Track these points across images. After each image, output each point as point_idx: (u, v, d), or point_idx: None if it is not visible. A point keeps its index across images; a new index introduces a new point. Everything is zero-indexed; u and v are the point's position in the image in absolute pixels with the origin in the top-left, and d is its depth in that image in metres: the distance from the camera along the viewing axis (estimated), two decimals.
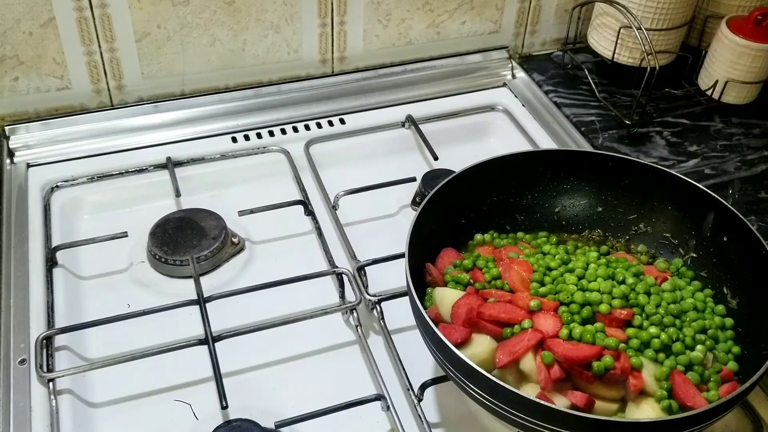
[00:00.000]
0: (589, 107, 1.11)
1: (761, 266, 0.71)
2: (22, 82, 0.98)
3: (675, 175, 0.79)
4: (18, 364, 0.76)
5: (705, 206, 0.77)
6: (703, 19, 1.15)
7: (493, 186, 0.82)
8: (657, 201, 0.81)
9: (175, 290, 0.86)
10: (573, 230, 0.84)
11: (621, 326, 0.69)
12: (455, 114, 1.12)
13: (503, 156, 0.82)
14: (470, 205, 0.81)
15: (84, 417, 0.74)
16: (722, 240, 0.76)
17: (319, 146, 1.05)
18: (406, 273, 0.69)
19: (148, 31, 1.00)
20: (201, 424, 0.74)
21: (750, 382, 0.61)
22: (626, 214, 0.83)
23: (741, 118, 1.10)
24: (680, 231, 0.80)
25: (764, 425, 0.74)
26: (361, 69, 1.14)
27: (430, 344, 0.67)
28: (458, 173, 0.78)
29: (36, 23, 0.94)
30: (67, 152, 1.00)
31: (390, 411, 0.73)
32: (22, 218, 0.91)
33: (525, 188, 0.84)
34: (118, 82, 1.02)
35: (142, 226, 0.91)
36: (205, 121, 1.06)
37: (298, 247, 0.93)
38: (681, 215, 0.80)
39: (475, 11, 1.15)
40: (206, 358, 0.75)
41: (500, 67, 1.20)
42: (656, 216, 0.82)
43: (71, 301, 0.84)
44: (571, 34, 1.20)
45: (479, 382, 0.62)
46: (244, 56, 1.06)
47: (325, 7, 1.06)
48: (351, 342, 0.82)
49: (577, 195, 0.84)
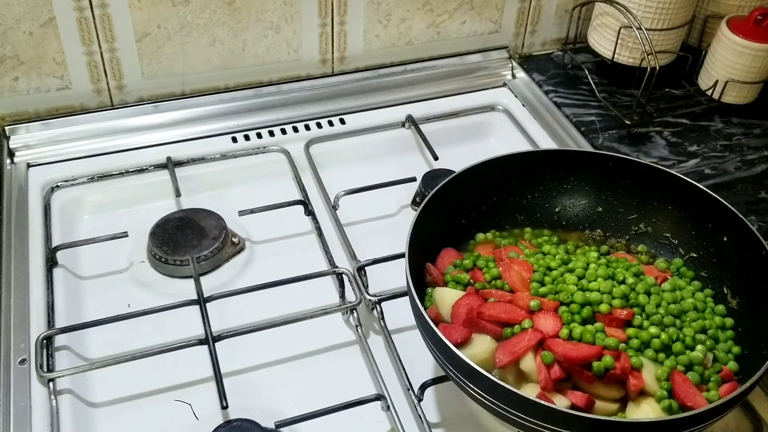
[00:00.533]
0: (589, 107, 1.11)
1: (761, 266, 0.71)
2: (23, 82, 0.98)
3: (675, 175, 0.79)
4: (18, 364, 0.76)
5: (705, 206, 0.77)
6: (703, 19, 1.15)
7: (493, 186, 0.82)
8: (657, 201, 0.81)
9: (175, 290, 0.86)
10: (573, 230, 0.84)
11: (621, 326, 0.69)
12: (455, 114, 1.12)
13: (503, 156, 0.82)
14: (470, 205, 0.81)
15: (84, 417, 0.74)
16: (722, 240, 0.76)
17: (319, 146, 1.05)
18: (407, 273, 0.69)
19: (148, 31, 1.00)
20: (201, 424, 0.74)
21: (750, 382, 0.61)
22: (626, 214, 0.83)
23: (741, 118, 1.10)
24: (680, 231, 0.80)
25: (764, 425, 0.74)
26: (361, 69, 1.14)
27: (430, 344, 0.67)
28: (458, 173, 0.78)
29: (36, 23, 0.94)
30: (68, 152, 1.00)
31: (390, 411, 0.73)
32: (23, 218, 0.91)
33: (525, 188, 0.84)
34: (119, 82, 1.03)
35: (142, 226, 0.91)
36: (205, 121, 1.06)
37: (298, 247, 0.93)
38: (681, 215, 0.80)
39: (475, 11, 1.15)
40: (206, 358, 0.75)
41: (500, 67, 1.20)
42: (656, 216, 0.82)
43: (71, 301, 0.84)
44: (571, 34, 1.20)
45: (479, 382, 0.62)
46: (244, 56, 1.06)
47: (325, 7, 1.06)
48: (351, 342, 0.82)
49: (577, 195, 0.84)
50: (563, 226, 0.84)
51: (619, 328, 0.68)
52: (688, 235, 0.79)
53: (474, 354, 0.67)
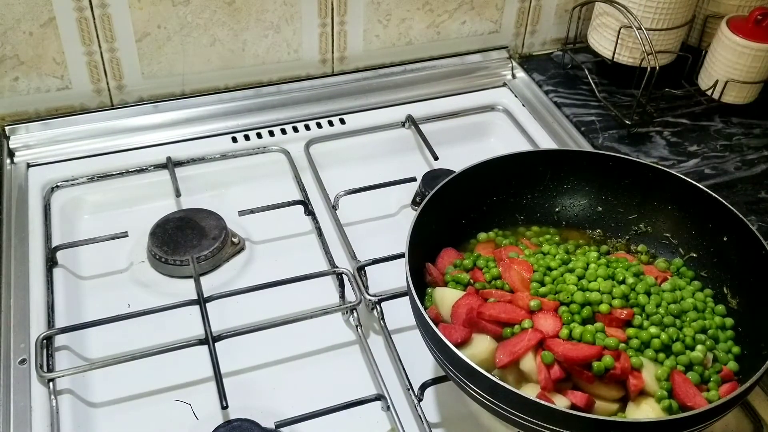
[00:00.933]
0: (589, 107, 1.11)
1: (761, 266, 0.71)
2: (22, 82, 0.98)
3: (675, 174, 0.79)
4: (18, 364, 0.76)
5: (705, 206, 0.77)
6: (703, 19, 1.15)
7: (493, 186, 0.82)
8: (657, 201, 0.81)
9: (175, 290, 0.86)
10: (573, 230, 0.84)
11: (621, 326, 0.69)
12: (455, 114, 1.12)
13: (503, 156, 0.82)
14: (470, 205, 0.81)
15: (84, 417, 0.74)
16: (722, 240, 0.76)
17: (319, 146, 1.05)
18: (407, 273, 0.69)
19: (148, 31, 1.00)
20: (201, 424, 0.74)
21: (750, 382, 0.61)
22: (626, 214, 0.83)
23: (741, 118, 1.10)
24: (680, 231, 0.80)
25: (764, 425, 0.74)
26: (361, 69, 1.14)
27: (430, 344, 0.66)
28: (458, 173, 0.78)
29: (36, 23, 0.94)
30: (67, 152, 1.00)
31: (390, 411, 0.73)
32: (22, 218, 0.91)
33: (525, 188, 0.84)
34: (118, 82, 1.03)
35: (142, 226, 0.91)
36: (205, 121, 1.06)
37: (298, 247, 0.93)
38: (681, 215, 0.80)
39: (475, 11, 1.15)
40: (206, 358, 0.75)
41: (500, 67, 1.20)
42: (656, 216, 0.82)
43: (71, 301, 0.84)
44: (571, 34, 1.20)
45: (479, 382, 0.62)
46: (244, 56, 1.06)
47: (325, 7, 1.06)
48: (351, 342, 0.82)
49: (577, 195, 0.84)
50: (563, 225, 0.84)
51: (619, 328, 0.68)
52: (688, 235, 0.79)
53: (474, 354, 0.67)
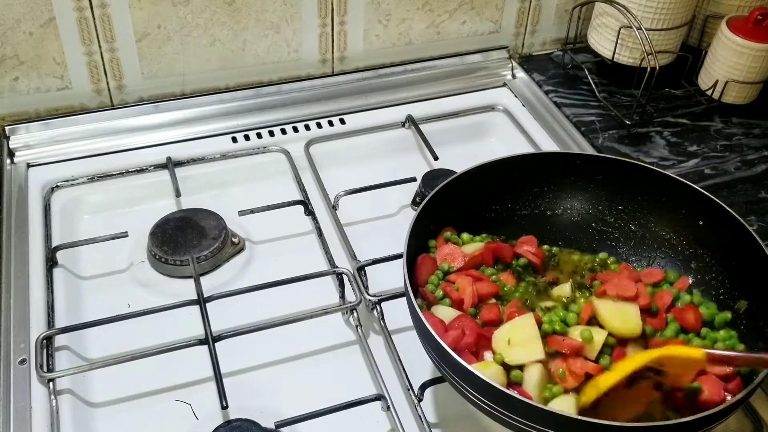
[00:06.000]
0: (589, 107, 1.11)
1: (761, 267, 0.71)
2: (23, 82, 0.98)
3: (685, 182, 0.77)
4: (18, 364, 0.76)
5: (707, 210, 0.76)
6: (703, 19, 1.15)
7: (493, 187, 0.82)
8: (657, 204, 0.80)
9: (175, 290, 0.86)
10: (573, 233, 0.84)
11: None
12: (455, 114, 1.12)
13: (504, 158, 0.81)
14: (470, 205, 0.81)
15: (84, 417, 0.74)
16: (722, 241, 0.76)
17: (319, 146, 1.05)
18: (404, 274, 0.69)
19: (148, 31, 1.00)
20: (201, 424, 0.74)
21: (753, 385, 0.61)
22: (629, 221, 0.82)
23: (741, 118, 1.10)
24: (681, 233, 0.80)
25: (764, 425, 0.74)
26: (361, 69, 1.14)
27: (426, 345, 0.67)
28: (459, 174, 0.78)
29: (36, 23, 0.94)
30: (67, 152, 1.00)
31: (390, 411, 0.73)
32: (22, 218, 0.91)
33: (526, 190, 0.84)
34: (119, 82, 1.03)
35: (142, 226, 0.91)
36: (205, 121, 1.06)
37: (298, 247, 0.93)
38: (681, 215, 0.79)
39: (475, 11, 1.15)
40: (206, 358, 0.75)
41: (500, 67, 1.20)
42: (656, 215, 0.81)
43: (71, 301, 0.84)
44: (571, 34, 1.20)
45: (474, 384, 0.62)
46: (244, 56, 1.06)
47: (325, 7, 1.06)
48: (351, 342, 0.82)
49: (579, 198, 0.84)
50: (563, 228, 0.84)
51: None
52: (687, 240, 0.79)
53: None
